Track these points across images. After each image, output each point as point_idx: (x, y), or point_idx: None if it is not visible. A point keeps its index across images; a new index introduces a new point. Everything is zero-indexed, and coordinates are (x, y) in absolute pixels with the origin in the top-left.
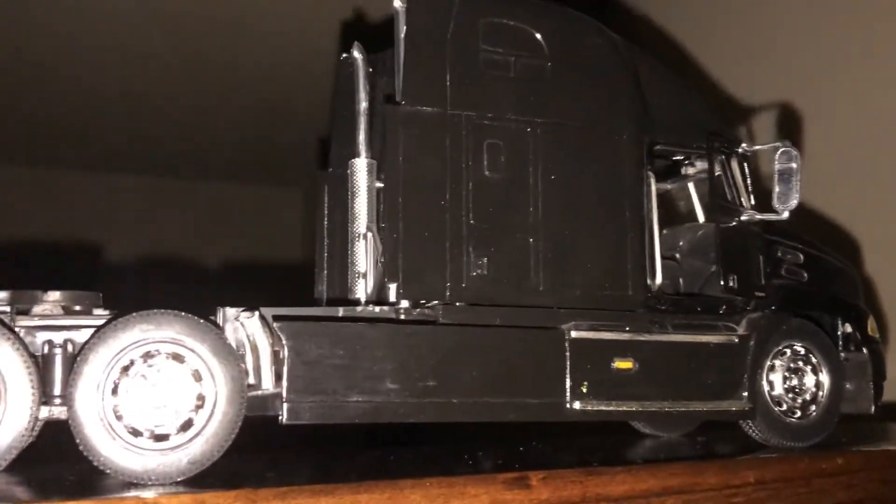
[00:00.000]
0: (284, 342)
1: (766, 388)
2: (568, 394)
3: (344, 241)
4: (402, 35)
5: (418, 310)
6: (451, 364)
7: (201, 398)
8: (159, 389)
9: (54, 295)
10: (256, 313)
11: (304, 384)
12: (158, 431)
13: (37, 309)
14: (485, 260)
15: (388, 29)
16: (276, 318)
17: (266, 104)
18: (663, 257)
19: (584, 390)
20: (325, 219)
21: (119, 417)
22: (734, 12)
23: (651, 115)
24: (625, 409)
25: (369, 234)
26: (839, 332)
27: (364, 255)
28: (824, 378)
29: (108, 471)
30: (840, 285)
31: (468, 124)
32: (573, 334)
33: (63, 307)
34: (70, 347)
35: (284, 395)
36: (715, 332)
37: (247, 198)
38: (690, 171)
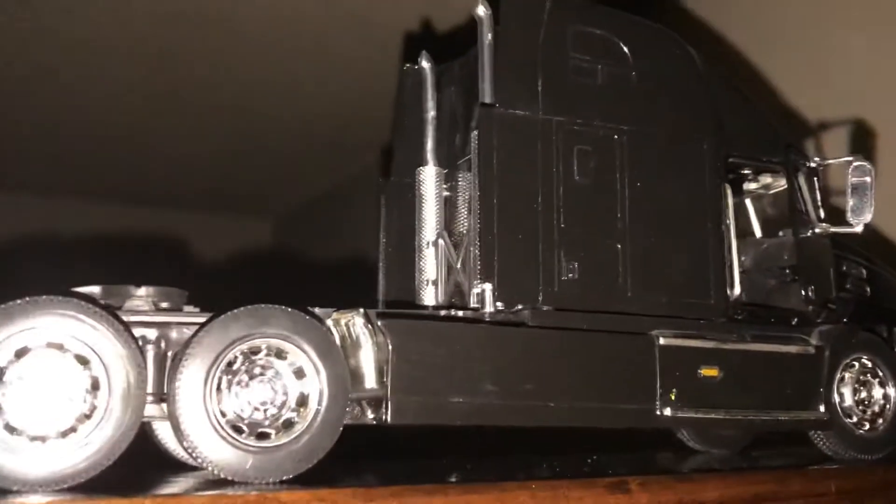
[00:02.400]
0: (390, 341)
1: (837, 399)
2: (658, 400)
3: (405, 249)
4: (488, 41)
5: (504, 314)
6: (547, 368)
7: (304, 397)
8: (262, 387)
9: (146, 290)
10: (362, 311)
11: (409, 384)
12: (261, 429)
13: (128, 304)
14: (575, 265)
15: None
16: (382, 316)
17: (239, 134)
18: None
19: (673, 397)
20: (386, 226)
21: (223, 414)
22: (802, 25)
23: (727, 129)
24: (712, 416)
25: (440, 241)
26: None
27: (434, 262)
28: (891, 391)
29: (210, 468)
30: None
31: (559, 129)
32: (662, 341)
33: (154, 303)
34: (163, 344)
35: (389, 394)
36: (791, 343)
37: (216, 227)
38: (752, 186)
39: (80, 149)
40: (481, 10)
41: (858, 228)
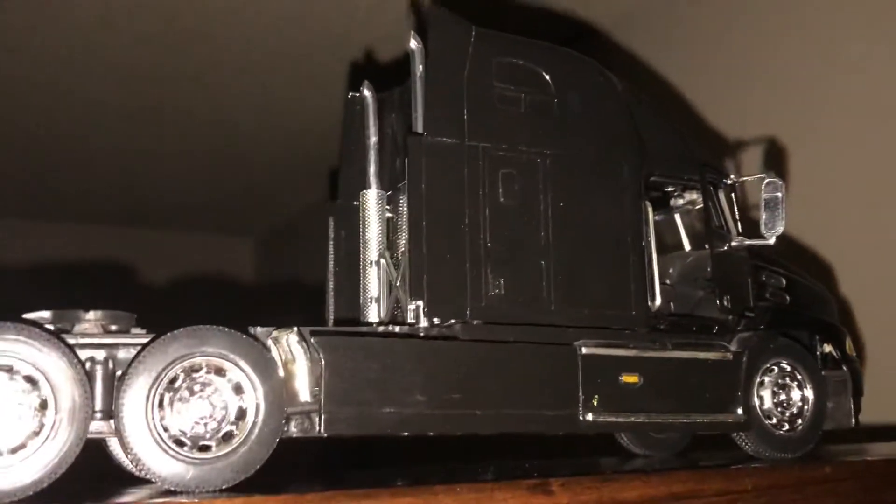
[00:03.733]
0: (322, 357)
1: (756, 402)
2: (581, 406)
3: (352, 268)
4: (419, 72)
5: (437, 328)
6: (474, 378)
7: (242, 411)
8: (202, 402)
9: (94, 314)
10: (296, 329)
11: (341, 396)
12: (202, 442)
13: (78, 328)
14: (501, 280)
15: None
16: (314, 332)
17: (219, 154)
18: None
19: (595, 403)
20: (334, 247)
21: (165, 428)
22: (719, 48)
23: (647, 150)
24: (633, 420)
25: (381, 261)
26: (818, 352)
27: (376, 281)
28: (809, 393)
29: (154, 479)
30: (818, 307)
31: (484, 154)
32: (584, 350)
33: (102, 326)
34: (111, 364)
35: (323, 406)
36: (711, 350)
37: (197, 246)
38: (679, 202)
39: (56, 169)
40: (413, 44)
41: (772, 240)
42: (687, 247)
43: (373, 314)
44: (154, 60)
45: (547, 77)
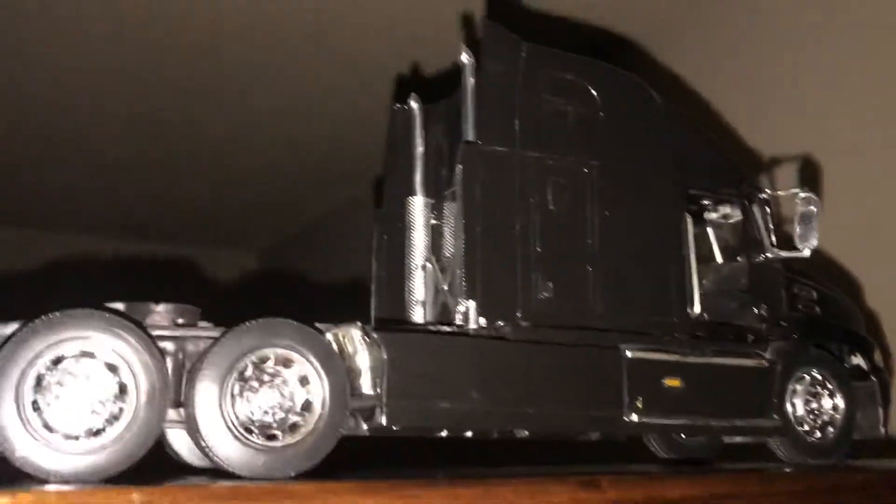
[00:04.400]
0: (385, 352)
1: (789, 409)
2: (626, 408)
3: (395, 272)
4: (471, 85)
5: (487, 329)
6: (525, 377)
7: (308, 402)
8: (270, 392)
9: (164, 307)
10: (359, 325)
11: (402, 391)
12: (270, 431)
13: (149, 319)
14: (550, 284)
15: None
16: (377, 329)
17: (224, 166)
18: None
19: (639, 405)
20: (377, 252)
21: (237, 417)
22: (755, 65)
23: (686, 164)
24: (674, 422)
25: (428, 265)
26: (847, 362)
27: (422, 284)
28: (839, 402)
29: (225, 466)
30: (847, 319)
31: (534, 164)
32: (629, 354)
33: (171, 318)
34: (181, 355)
35: (385, 400)
36: (748, 357)
37: (202, 259)
38: (712, 215)
39: (65, 182)
40: (465, 58)
41: (806, 253)
42: (719, 258)
43: (418, 316)
44: (162, 74)
45: (593, 91)
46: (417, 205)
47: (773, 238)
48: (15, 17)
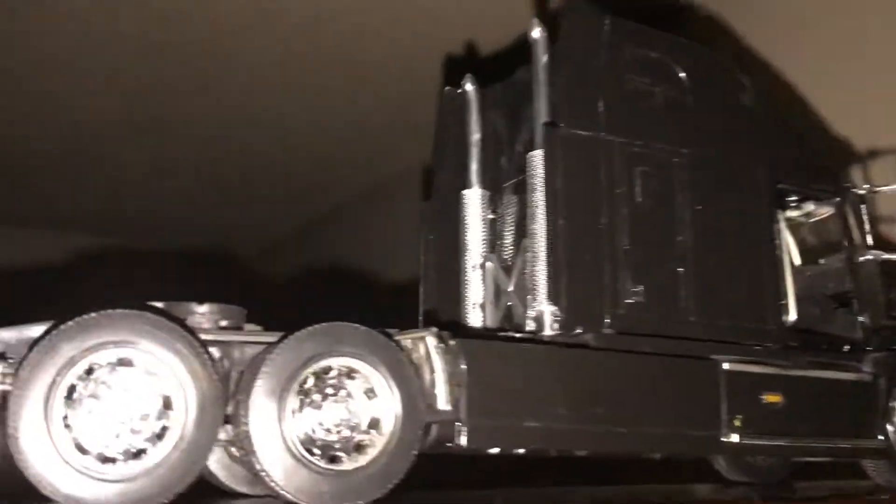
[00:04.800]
0: (465, 362)
1: (891, 428)
2: (724, 427)
3: (445, 272)
4: (543, 62)
5: (566, 337)
6: (618, 392)
7: (375, 419)
8: (335, 407)
9: (207, 307)
10: (434, 330)
11: (484, 406)
12: (332, 452)
13: (190, 321)
14: (641, 287)
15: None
16: (456, 335)
17: (214, 169)
18: None
19: (738, 423)
20: (425, 250)
21: (297, 437)
22: (849, 54)
23: (777, 155)
24: (777, 443)
25: (488, 264)
26: None
27: (480, 285)
28: None
29: (283, 493)
30: None
31: (620, 150)
32: (726, 366)
33: (214, 320)
34: (226, 363)
35: (465, 417)
36: (848, 370)
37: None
38: (793, 214)
39: (52, 178)
40: (537, 33)
41: None
42: (796, 261)
43: (475, 320)
44: (158, 71)
45: (681, 72)
46: (474, 197)
47: (869, 238)
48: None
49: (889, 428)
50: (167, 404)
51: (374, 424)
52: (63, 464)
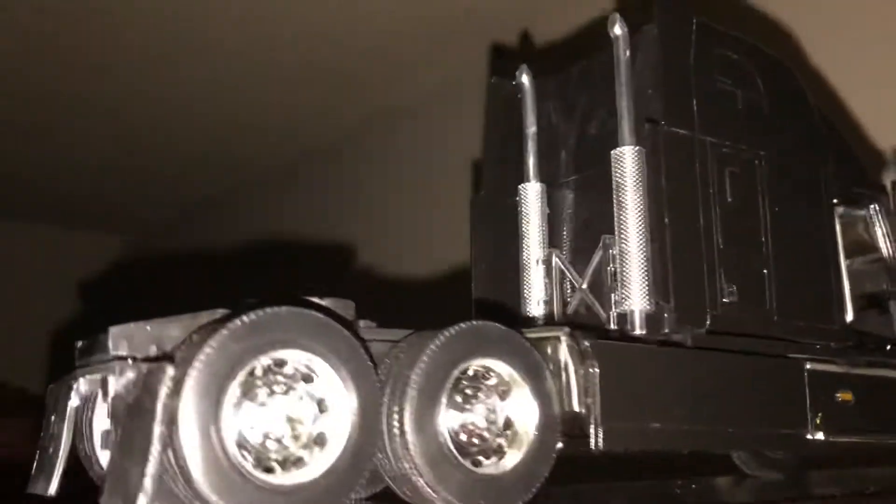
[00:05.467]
0: (598, 365)
1: None
2: (809, 425)
3: (498, 266)
4: (625, 59)
5: (659, 336)
6: (725, 392)
7: (510, 420)
8: (478, 407)
9: (330, 302)
10: (567, 331)
11: (617, 408)
12: (473, 456)
13: None
14: (734, 287)
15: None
16: (588, 337)
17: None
18: None
19: (819, 422)
20: (477, 242)
21: (448, 438)
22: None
23: (831, 159)
24: (855, 439)
25: (554, 259)
26: None
27: (541, 281)
28: None
29: (437, 498)
30: None
31: (712, 150)
32: (808, 366)
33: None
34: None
35: (600, 419)
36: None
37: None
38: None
39: None
40: (618, 29)
41: None
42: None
43: (537, 315)
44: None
45: (758, 76)
46: (532, 191)
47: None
48: None
49: None
50: (322, 408)
51: (509, 425)
52: (228, 471)
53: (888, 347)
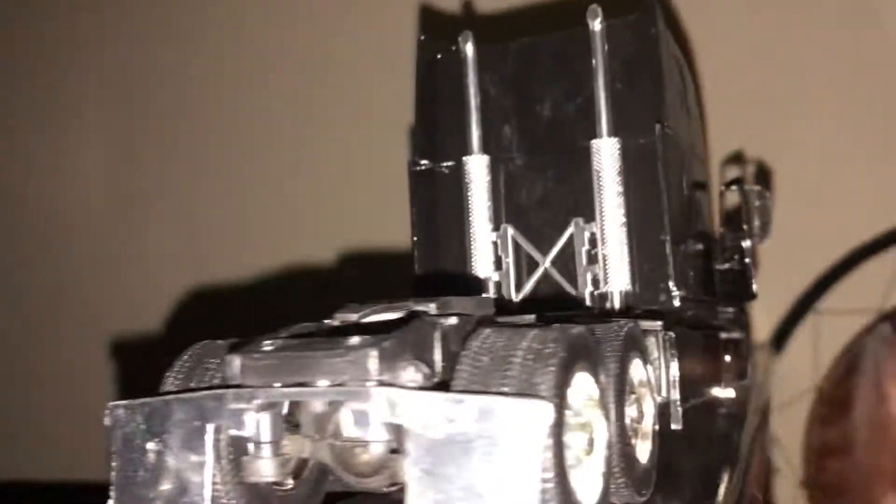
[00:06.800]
0: (676, 353)
1: None
2: None
3: (438, 236)
4: (600, 56)
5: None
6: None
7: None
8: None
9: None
10: (659, 324)
11: (685, 391)
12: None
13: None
14: (691, 273)
15: None
16: (665, 326)
17: None
18: None
19: None
20: (417, 213)
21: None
22: None
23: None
24: None
25: (509, 233)
26: None
27: (490, 255)
28: None
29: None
30: None
31: (681, 145)
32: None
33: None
34: None
35: (679, 402)
36: None
37: None
38: None
39: None
40: (597, 24)
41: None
42: None
43: (490, 290)
44: None
45: (684, 72)
46: (477, 164)
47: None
48: None
49: None
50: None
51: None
52: None
53: None
